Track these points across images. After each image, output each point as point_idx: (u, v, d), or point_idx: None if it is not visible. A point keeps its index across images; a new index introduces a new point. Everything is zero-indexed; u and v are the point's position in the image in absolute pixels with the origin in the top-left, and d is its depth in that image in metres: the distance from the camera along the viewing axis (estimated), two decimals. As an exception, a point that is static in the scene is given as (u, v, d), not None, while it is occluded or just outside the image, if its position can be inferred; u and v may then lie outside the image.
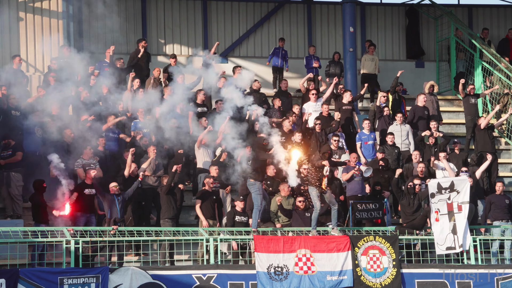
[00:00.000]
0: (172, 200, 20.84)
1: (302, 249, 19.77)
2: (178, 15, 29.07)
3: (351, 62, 27.71)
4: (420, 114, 25.54)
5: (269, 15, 29.89)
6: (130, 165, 21.16)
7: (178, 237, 19.69)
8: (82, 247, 18.72)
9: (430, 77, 29.61)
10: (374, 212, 21.75)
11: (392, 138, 24.03)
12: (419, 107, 25.76)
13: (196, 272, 19.15)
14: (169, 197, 20.84)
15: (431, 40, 31.11)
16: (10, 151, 21.11)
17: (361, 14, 30.50)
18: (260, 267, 19.46)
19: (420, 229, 21.26)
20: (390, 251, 20.27)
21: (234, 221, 20.73)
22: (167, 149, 22.51)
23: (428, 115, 25.68)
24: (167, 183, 20.86)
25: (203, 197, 20.94)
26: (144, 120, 23.21)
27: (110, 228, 19.43)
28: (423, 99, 25.77)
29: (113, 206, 20.09)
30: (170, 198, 20.84)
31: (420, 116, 25.53)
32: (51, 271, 18.24)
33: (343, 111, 24.96)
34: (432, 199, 20.94)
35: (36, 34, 24.97)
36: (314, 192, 20.04)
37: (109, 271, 18.49)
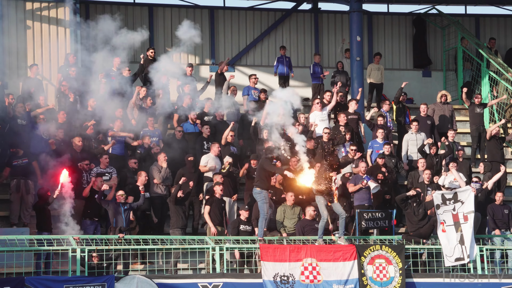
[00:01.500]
0: (181, 210, 20.81)
1: (308, 258, 19.73)
2: (186, 23, 29.06)
3: (358, 71, 27.60)
4: (422, 124, 25.46)
5: (276, 24, 29.89)
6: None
7: (185, 245, 19.65)
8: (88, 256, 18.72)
9: (437, 87, 29.56)
10: (380, 221, 21.73)
11: (389, 147, 23.91)
12: (421, 117, 25.71)
13: (202, 281, 19.14)
14: (178, 207, 20.80)
15: (438, 50, 31.06)
16: (26, 159, 21.09)
17: (368, 23, 30.48)
18: (266, 276, 19.42)
19: (426, 238, 21.18)
20: (396, 260, 20.20)
21: (238, 230, 20.68)
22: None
23: (432, 125, 25.60)
24: (173, 193, 20.84)
25: (212, 203, 20.91)
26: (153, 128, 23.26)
27: (116, 237, 19.40)
28: (424, 109, 25.71)
29: (118, 214, 20.08)
30: (179, 208, 20.81)
31: (422, 126, 25.44)
32: (56, 279, 18.27)
33: (349, 120, 24.92)
34: (437, 211, 20.95)
35: (43, 42, 25.00)
36: (322, 201, 19.99)
37: (115, 279, 18.48)
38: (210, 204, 20.94)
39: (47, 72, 25.25)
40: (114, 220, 20.03)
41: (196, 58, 28.92)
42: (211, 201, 21.00)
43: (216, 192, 21.11)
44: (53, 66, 25.01)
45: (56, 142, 21.66)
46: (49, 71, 25.07)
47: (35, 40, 25.28)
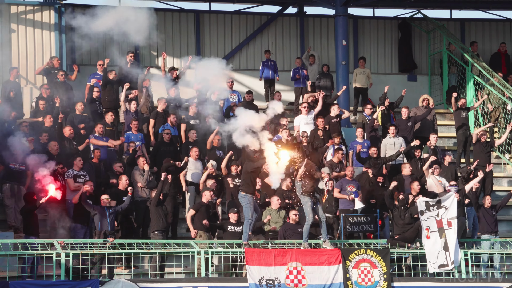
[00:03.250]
0: (162, 212, 20.81)
1: (293, 262, 19.81)
2: (171, 27, 29.13)
3: (344, 75, 27.75)
4: (402, 127, 25.55)
5: (261, 28, 29.97)
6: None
7: (169, 249, 19.68)
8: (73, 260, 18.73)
9: (422, 91, 29.67)
10: (365, 226, 21.77)
11: (375, 150, 23.99)
12: (401, 120, 25.80)
13: (187, 285, 19.19)
14: (158, 209, 20.78)
15: (423, 54, 31.20)
16: (23, 166, 21.07)
17: (353, 28, 30.59)
18: (252, 279, 19.49)
19: (411, 242, 21.28)
20: (381, 264, 20.29)
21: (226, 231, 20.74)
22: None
23: (412, 127, 25.69)
24: (156, 193, 20.84)
25: (200, 209, 20.91)
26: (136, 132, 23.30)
27: (100, 241, 19.40)
28: (405, 112, 25.82)
29: (103, 218, 20.07)
30: (159, 210, 20.80)
31: (403, 128, 25.55)
32: (41, 283, 18.28)
33: (331, 124, 25.01)
34: (421, 217, 21.07)
35: (28, 46, 24.99)
36: (309, 203, 20.04)
37: (99, 283, 18.48)
38: (197, 210, 20.92)
39: (32, 76, 25.22)
40: (99, 223, 20.01)
41: (182, 62, 28.90)
42: (198, 207, 20.99)
43: (205, 198, 21.12)
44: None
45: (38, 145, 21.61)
46: (34, 75, 25.03)
47: (19, 44, 25.27)
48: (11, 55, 25.16)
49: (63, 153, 21.80)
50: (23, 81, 25.08)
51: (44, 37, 25.35)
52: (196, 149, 22.70)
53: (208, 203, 21.09)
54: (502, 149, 27.15)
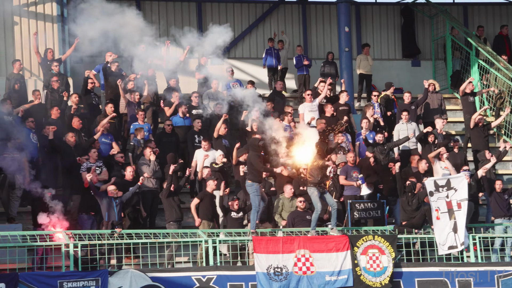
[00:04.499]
0: (174, 203, 20.98)
1: (301, 250, 19.88)
2: (173, 17, 29.21)
3: (347, 62, 27.81)
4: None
5: (264, 16, 30.06)
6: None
7: (177, 239, 19.83)
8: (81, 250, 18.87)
9: (426, 76, 29.73)
10: (372, 212, 21.89)
11: (381, 137, 24.09)
12: (404, 104, 25.85)
13: (196, 274, 19.31)
14: (170, 200, 20.97)
15: (426, 39, 31.26)
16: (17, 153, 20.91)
17: (356, 14, 30.66)
18: (260, 268, 19.59)
19: (419, 228, 21.39)
20: (389, 250, 20.40)
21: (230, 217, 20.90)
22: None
23: (415, 111, 25.78)
24: (166, 186, 21.02)
25: (203, 198, 21.06)
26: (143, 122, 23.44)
27: (108, 231, 19.56)
28: (408, 97, 25.91)
29: (111, 209, 20.22)
30: (171, 201, 20.98)
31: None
32: (50, 274, 18.37)
33: (339, 112, 25.13)
34: (431, 198, 21.06)
35: (31, 38, 25.08)
36: (315, 193, 20.17)
37: (108, 274, 18.63)
38: (201, 199, 21.07)
39: (35, 68, 25.34)
40: (106, 214, 20.16)
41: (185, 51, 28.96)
42: (202, 196, 21.14)
43: (209, 187, 21.27)
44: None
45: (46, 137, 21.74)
46: (38, 67, 25.14)
47: (22, 36, 25.37)
48: (14, 47, 25.26)
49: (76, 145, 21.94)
50: (27, 73, 25.17)
51: (46, 29, 25.43)
52: (206, 142, 22.82)
53: (213, 193, 21.21)
54: (508, 133, 27.24)
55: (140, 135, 22.94)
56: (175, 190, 21.15)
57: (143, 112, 23.64)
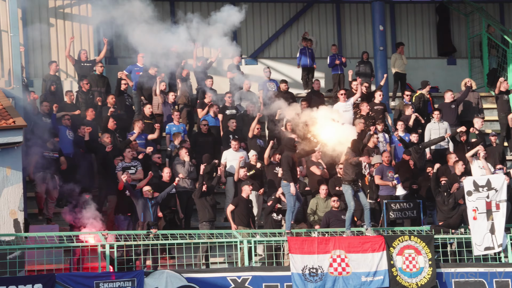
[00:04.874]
0: (207, 203, 21.04)
1: (336, 250, 19.83)
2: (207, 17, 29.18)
3: (382, 61, 27.74)
4: (446, 111, 25.49)
5: (297, 15, 30.01)
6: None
7: (213, 239, 19.88)
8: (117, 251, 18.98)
9: (462, 74, 29.53)
10: (408, 212, 21.80)
11: (416, 136, 24.00)
12: (444, 103, 25.73)
13: (231, 275, 19.32)
14: (203, 200, 21.03)
15: (462, 37, 31.04)
16: (56, 153, 21.34)
17: (390, 12, 30.50)
18: (295, 269, 19.55)
19: (455, 228, 21.24)
20: (426, 250, 20.29)
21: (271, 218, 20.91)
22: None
23: (456, 110, 25.63)
24: (198, 186, 21.09)
25: (239, 204, 21.09)
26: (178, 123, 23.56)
27: (144, 232, 19.67)
28: (450, 96, 25.78)
29: (146, 210, 20.33)
30: (204, 202, 21.04)
31: (447, 112, 25.47)
32: (86, 275, 18.49)
33: (375, 111, 25.08)
34: (469, 197, 20.89)
35: (66, 40, 25.29)
36: (349, 191, 20.18)
37: (144, 274, 18.70)
38: (236, 204, 21.09)
39: (71, 70, 25.55)
40: (142, 215, 20.27)
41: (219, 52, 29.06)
42: (237, 201, 21.15)
43: (244, 192, 21.28)
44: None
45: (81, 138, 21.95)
46: (73, 68, 25.34)
47: (58, 38, 25.58)
48: (50, 49, 25.48)
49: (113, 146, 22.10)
50: (63, 75, 25.40)
51: (82, 31, 25.63)
52: (236, 142, 22.88)
53: (248, 198, 21.24)
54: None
55: (177, 140, 22.99)
56: (208, 190, 21.21)
57: (178, 112, 23.72)
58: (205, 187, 21.01)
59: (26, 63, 24.77)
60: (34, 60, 25.37)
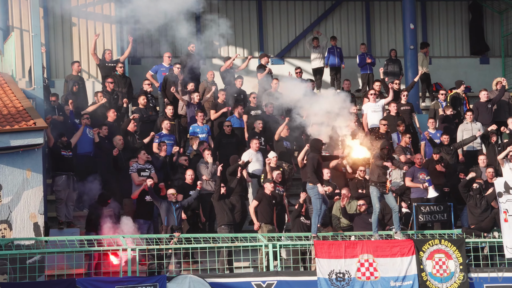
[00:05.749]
0: (225, 206, 20.86)
1: (364, 254, 19.64)
2: (233, 15, 29.13)
3: (412, 60, 27.46)
4: (483, 110, 25.17)
5: (326, 14, 29.81)
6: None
7: (236, 243, 19.72)
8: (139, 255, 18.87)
9: (495, 74, 29.26)
10: (438, 215, 21.54)
11: (447, 138, 23.70)
12: (480, 103, 25.42)
13: (256, 280, 19.13)
14: (221, 203, 20.83)
15: (496, 35, 30.76)
16: (70, 151, 21.17)
17: (421, 10, 30.25)
18: (321, 273, 19.36)
19: (488, 232, 20.97)
20: (456, 254, 20.05)
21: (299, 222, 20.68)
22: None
23: (491, 109, 25.31)
24: (216, 188, 20.92)
25: (262, 200, 20.91)
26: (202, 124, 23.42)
27: (166, 236, 19.53)
28: (485, 95, 25.46)
29: (170, 213, 20.20)
30: (223, 204, 20.84)
31: (483, 111, 25.18)
32: (107, 280, 18.35)
33: (402, 111, 24.81)
34: (499, 199, 20.72)
35: (89, 39, 25.27)
36: (374, 193, 19.98)
37: (166, 279, 18.54)
38: (259, 200, 20.94)
39: (93, 70, 25.52)
40: (165, 219, 20.15)
41: (245, 51, 28.97)
42: (260, 197, 21.01)
43: (267, 189, 21.10)
44: (99, 63, 25.26)
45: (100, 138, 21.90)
46: (96, 68, 25.31)
47: (80, 37, 25.57)
48: (72, 49, 25.47)
49: (128, 147, 22.00)
50: (85, 75, 25.37)
51: (104, 30, 25.59)
52: (257, 141, 22.70)
53: (272, 194, 21.06)
54: None
55: (195, 145, 22.87)
56: (227, 193, 21.03)
57: (202, 113, 23.58)
58: (224, 190, 20.83)
59: (47, 63, 24.80)
60: (56, 61, 25.37)
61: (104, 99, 23.13)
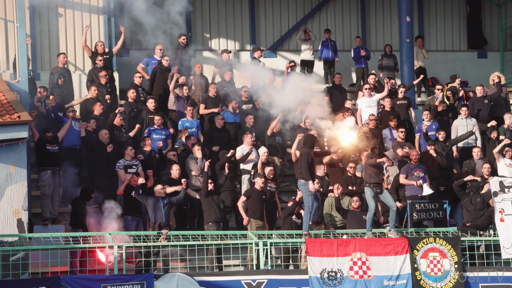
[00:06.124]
0: (213, 203, 20.68)
1: (357, 252, 19.52)
2: (224, 8, 28.94)
3: (408, 54, 27.35)
4: (478, 105, 25.00)
5: (320, 6, 29.65)
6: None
7: (226, 241, 19.53)
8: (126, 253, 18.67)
9: (493, 68, 29.18)
10: (433, 213, 21.40)
11: (443, 134, 23.55)
12: (476, 98, 25.27)
13: (245, 278, 19.02)
14: (209, 200, 20.67)
15: (494, 29, 30.67)
16: (56, 146, 21.00)
17: (418, 3, 30.12)
18: (313, 272, 19.23)
19: (484, 230, 20.85)
20: (451, 253, 19.94)
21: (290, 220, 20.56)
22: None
23: (488, 105, 25.15)
24: (203, 184, 20.72)
25: (252, 195, 20.77)
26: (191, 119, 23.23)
27: (154, 233, 19.34)
28: (481, 90, 25.28)
29: (157, 210, 20.04)
30: (210, 201, 20.67)
31: (479, 107, 25.01)
32: (93, 278, 18.22)
33: (398, 106, 24.66)
34: (495, 198, 20.61)
35: (76, 30, 25.06)
36: (368, 192, 19.87)
37: (154, 277, 18.41)
38: (248, 196, 20.80)
39: (80, 62, 25.31)
40: (153, 215, 19.98)
41: (236, 44, 28.77)
42: (249, 192, 20.87)
43: (257, 184, 20.93)
44: (87, 57, 25.02)
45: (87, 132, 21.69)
46: (83, 60, 25.12)
47: (67, 28, 25.35)
48: (58, 40, 25.24)
49: (114, 142, 21.78)
50: (71, 67, 25.15)
51: (92, 21, 25.37)
52: (250, 135, 22.51)
53: (262, 189, 20.88)
54: None
55: (183, 138, 22.66)
56: (214, 189, 20.82)
57: (191, 107, 23.38)
58: (212, 186, 20.62)
59: (32, 55, 24.56)
60: (41, 52, 25.15)
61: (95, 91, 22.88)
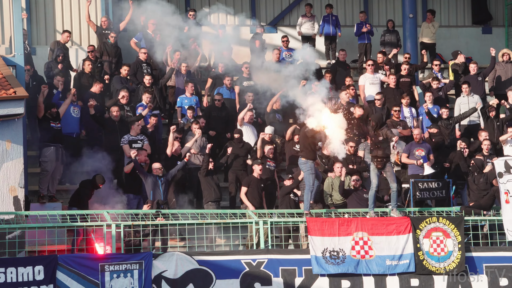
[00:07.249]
0: (212, 182, 20.88)
1: (359, 232, 19.61)
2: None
3: (411, 30, 27.46)
4: (473, 83, 25.10)
5: (321, -20, 29.75)
6: (172, 144, 21.26)
7: (226, 220, 19.73)
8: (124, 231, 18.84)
9: (498, 44, 29.20)
10: (436, 192, 21.56)
11: (446, 111, 23.74)
12: (470, 76, 25.41)
13: (245, 257, 19.12)
14: (208, 179, 20.86)
15: (499, 4, 30.71)
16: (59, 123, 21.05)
17: (422, -24, 30.24)
18: (314, 251, 19.35)
19: (487, 210, 20.99)
20: (455, 233, 20.04)
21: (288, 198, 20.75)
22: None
23: (483, 82, 25.26)
24: (203, 163, 20.92)
25: (250, 184, 20.95)
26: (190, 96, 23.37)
27: (153, 211, 19.54)
28: (474, 68, 25.42)
29: (156, 188, 20.20)
30: (209, 180, 20.87)
31: (474, 85, 25.11)
32: (91, 257, 18.29)
33: (402, 83, 24.80)
34: (500, 179, 20.64)
35: (72, 4, 25.14)
36: (372, 168, 20.02)
37: (152, 256, 18.52)
38: (248, 185, 20.96)
39: (77, 37, 25.41)
40: (151, 193, 20.16)
41: (236, 19, 28.85)
42: (248, 181, 21.03)
43: (255, 172, 21.10)
44: (83, 32, 25.13)
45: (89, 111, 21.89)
46: (79, 36, 25.21)
47: (63, 2, 25.42)
48: (55, 14, 25.31)
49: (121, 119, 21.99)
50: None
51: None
52: (251, 113, 22.68)
53: (260, 177, 21.08)
54: None
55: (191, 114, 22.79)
56: (214, 169, 21.03)
57: (192, 84, 23.51)
58: (211, 165, 20.84)
59: (28, 29, 24.62)
60: (37, 27, 25.22)
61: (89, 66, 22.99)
